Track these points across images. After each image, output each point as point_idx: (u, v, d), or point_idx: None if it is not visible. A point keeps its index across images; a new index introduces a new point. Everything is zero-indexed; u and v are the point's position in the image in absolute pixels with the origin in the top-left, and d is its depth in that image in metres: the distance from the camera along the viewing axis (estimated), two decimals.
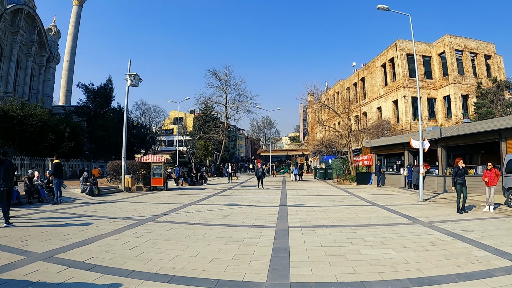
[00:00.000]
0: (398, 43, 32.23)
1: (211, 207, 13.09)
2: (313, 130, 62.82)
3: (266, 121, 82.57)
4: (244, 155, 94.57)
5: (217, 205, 13.58)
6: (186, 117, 66.33)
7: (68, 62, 69.62)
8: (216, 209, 12.36)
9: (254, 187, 23.54)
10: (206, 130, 47.13)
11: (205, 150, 43.58)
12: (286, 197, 16.78)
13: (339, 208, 12.33)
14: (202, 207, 12.98)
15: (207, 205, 13.62)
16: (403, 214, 10.80)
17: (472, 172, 16.45)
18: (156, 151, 60.67)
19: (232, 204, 13.85)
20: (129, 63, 21.78)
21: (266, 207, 12.86)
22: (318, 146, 35.61)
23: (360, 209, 12.12)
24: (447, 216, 10.49)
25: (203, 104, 49.10)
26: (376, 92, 37.61)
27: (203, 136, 46.41)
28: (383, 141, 24.16)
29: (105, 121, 36.30)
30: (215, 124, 48.28)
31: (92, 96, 40.48)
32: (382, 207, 12.69)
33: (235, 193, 19.57)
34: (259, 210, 12.03)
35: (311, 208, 12.57)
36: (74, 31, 71.45)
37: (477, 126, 15.79)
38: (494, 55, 31.62)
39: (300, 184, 27.32)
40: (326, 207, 12.89)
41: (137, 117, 59.40)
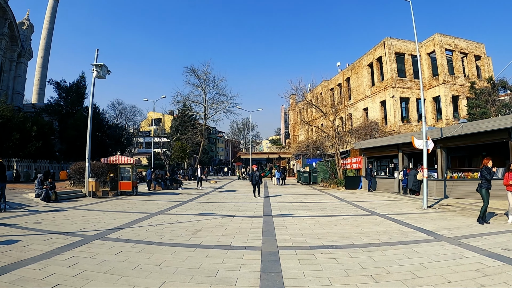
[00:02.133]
0: (386, 41, 30.84)
1: (181, 217, 10.81)
2: (295, 133, 61.16)
3: (246, 123, 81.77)
4: (223, 158, 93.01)
5: (189, 215, 11.31)
6: (165, 118, 63.62)
7: (42, 59, 65.58)
8: (187, 221, 10.11)
9: (233, 192, 21.37)
10: (183, 131, 44.85)
11: (182, 152, 41.26)
12: (270, 204, 14.65)
13: (335, 220, 10.26)
14: (171, 218, 10.66)
15: (177, 215, 11.34)
16: (416, 227, 8.85)
17: (477, 176, 14.69)
18: (133, 153, 57.82)
19: (207, 214, 11.58)
20: (96, 52, 19.52)
21: (248, 218, 10.66)
22: (302, 148, 33.67)
23: (361, 221, 10.08)
24: (468, 228, 8.62)
25: (181, 104, 46.62)
26: (362, 92, 36.13)
27: (180, 138, 44.18)
28: (375, 142, 22.42)
29: (76, 120, 33.68)
30: (193, 125, 45.94)
31: (64, 93, 37.86)
32: (385, 217, 10.73)
33: (212, 199, 17.29)
34: (239, 222, 9.81)
35: (301, 219, 10.44)
36: (49, 26, 67.45)
37: (484, 125, 14.17)
38: (484, 56, 30.71)
39: (283, 188, 25.28)
40: (319, 217, 10.80)
41: (113, 117, 56.13)
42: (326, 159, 28.38)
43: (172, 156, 42.80)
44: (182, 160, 42.78)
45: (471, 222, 9.52)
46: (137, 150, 62.03)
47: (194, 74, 42.67)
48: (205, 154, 68.01)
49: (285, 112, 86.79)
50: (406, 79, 30.38)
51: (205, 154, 68.01)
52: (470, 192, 14.36)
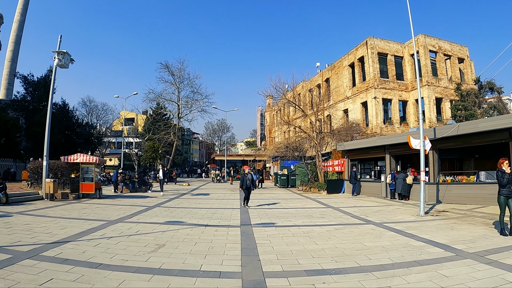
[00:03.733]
0: (369, 41, 29.93)
1: (143, 227, 8.95)
2: (271, 134, 60.16)
3: (221, 124, 79.69)
4: (198, 160, 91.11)
5: (154, 224, 9.45)
6: (138, 118, 60.89)
7: (11, 52, 61.02)
8: (149, 232, 8.29)
9: (207, 196, 19.52)
10: (155, 131, 42.50)
11: (154, 152, 38.92)
12: (248, 210, 12.96)
13: (327, 231, 8.68)
14: (130, 228, 8.77)
15: (139, 224, 9.45)
16: (425, 239, 7.48)
17: (473, 179, 13.66)
18: (104, 153, 54.83)
19: (174, 223, 9.74)
20: (59, 39, 17.31)
21: (223, 228, 8.91)
22: (281, 150, 32.15)
23: (358, 232, 8.56)
24: (486, 240, 7.38)
25: (155, 102, 44.34)
26: (342, 93, 35.13)
27: (152, 137, 41.79)
28: (360, 144, 21.20)
29: (43, 116, 30.95)
30: (166, 124, 43.81)
31: (32, 88, 34.97)
32: (382, 226, 9.31)
33: (183, 203, 15.43)
34: (212, 234, 8.05)
35: (286, 229, 8.80)
36: (21, 19, 62.91)
37: (482, 124, 13.15)
38: (467, 58, 30.41)
39: (261, 192, 23.62)
40: (307, 227, 9.19)
41: (83, 115, 52.88)
42: (306, 161, 26.99)
43: (143, 157, 40.39)
44: (154, 161, 40.53)
45: (483, 231, 8.29)
46: (109, 150, 58.95)
47: (168, 71, 40.91)
48: (179, 155, 65.94)
49: (261, 113, 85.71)
50: (389, 80, 29.56)
51: (179, 155, 65.94)
52: (466, 197, 13.38)
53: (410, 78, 29.76)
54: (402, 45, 30.33)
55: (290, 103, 28.44)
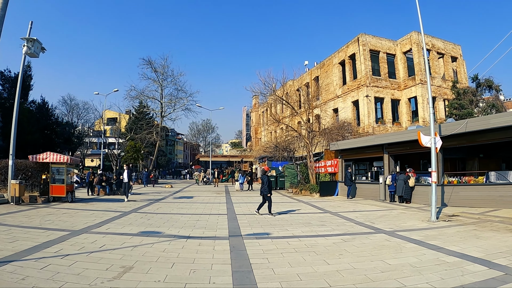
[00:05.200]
0: (361, 37, 28.88)
1: (111, 240, 7.31)
2: (257, 135, 59.02)
3: (206, 125, 78.45)
4: (182, 161, 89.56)
5: (125, 236, 7.82)
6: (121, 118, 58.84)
7: None
8: (117, 246, 6.72)
9: (190, 200, 17.96)
10: (138, 131, 40.87)
11: (136, 152, 37.06)
12: (236, 216, 11.45)
13: (334, 243, 7.25)
14: (95, 241, 7.15)
15: (107, 236, 7.81)
16: (457, 253, 6.27)
17: (482, 180, 12.50)
18: (85, 154, 52.56)
19: (150, 234, 8.14)
20: (29, 25, 15.56)
21: (208, 241, 7.36)
22: (269, 150, 30.69)
23: (371, 244, 7.20)
24: None
25: (137, 101, 42.72)
26: (332, 92, 33.99)
27: (134, 137, 40.00)
28: (355, 143, 19.94)
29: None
30: (149, 123, 42.14)
31: (9, 84, 32.68)
32: (396, 235, 8.01)
33: (163, 208, 13.81)
34: (194, 251, 6.51)
35: (285, 242, 7.33)
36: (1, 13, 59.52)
37: (495, 120, 12.03)
38: (460, 57, 29.73)
39: (248, 195, 22.12)
40: (308, 238, 7.76)
41: (63, 113, 50.47)
42: (296, 162, 25.62)
43: (124, 157, 38.55)
44: (136, 162, 38.82)
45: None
46: (91, 151, 56.64)
47: (151, 67, 39.30)
48: (163, 156, 64.48)
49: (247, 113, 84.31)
50: (381, 78, 28.55)
51: (163, 156, 64.48)
52: (475, 199, 12.27)
53: (402, 77, 28.85)
54: (394, 42, 29.40)
55: (279, 100, 27.01)
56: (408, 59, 28.70)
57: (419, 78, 26.55)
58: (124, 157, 38.53)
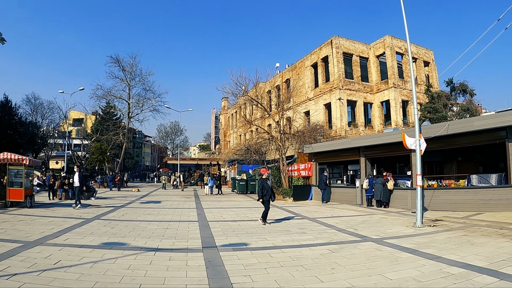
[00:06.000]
0: (334, 40, 28.83)
1: (68, 254, 6.22)
2: (226, 138, 58.25)
3: (174, 127, 77.71)
4: (150, 163, 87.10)
5: (85, 248, 6.76)
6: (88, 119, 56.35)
7: None
8: (74, 262, 5.65)
9: (158, 205, 16.76)
10: (104, 132, 39.24)
11: (101, 154, 35.46)
12: (208, 223, 10.51)
13: (321, 254, 6.53)
14: (50, 255, 6.05)
15: (64, 248, 6.70)
16: (457, 262, 5.83)
17: (463, 184, 12.34)
18: (50, 155, 49.73)
19: (113, 245, 7.09)
20: None
21: (179, 255, 6.41)
22: (241, 153, 29.81)
23: (362, 254, 6.56)
24: None
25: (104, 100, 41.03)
26: (304, 94, 33.76)
27: (100, 138, 38.41)
28: (331, 146, 19.54)
29: None
30: (116, 124, 40.41)
31: None
32: (387, 244, 7.43)
33: (129, 215, 12.63)
34: (164, 267, 5.57)
35: (266, 254, 6.53)
36: None
37: (478, 123, 11.92)
38: (432, 62, 30.47)
39: (219, 199, 21.21)
40: (291, 249, 7.00)
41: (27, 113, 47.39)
42: (268, 165, 24.93)
43: (89, 159, 37.06)
44: (101, 164, 37.31)
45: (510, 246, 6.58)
46: (56, 153, 53.59)
47: (119, 65, 37.88)
48: (130, 159, 62.78)
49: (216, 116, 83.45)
50: (354, 81, 28.63)
51: (130, 159, 62.78)
52: (456, 203, 12.11)
53: (375, 80, 29.08)
54: (367, 46, 29.63)
55: (251, 102, 26.25)
56: (381, 63, 28.98)
57: (392, 81, 26.82)
58: (89, 159, 37.13)
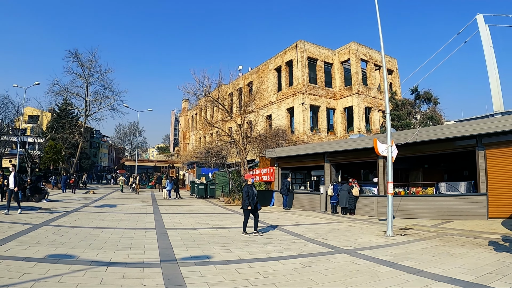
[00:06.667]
0: (299, 44, 28.74)
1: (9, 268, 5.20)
2: (185, 140, 57.12)
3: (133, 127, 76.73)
4: (107, 164, 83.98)
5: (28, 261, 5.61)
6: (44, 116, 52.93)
7: None
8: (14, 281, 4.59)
9: (113, 209, 15.56)
10: (60, 130, 37.38)
11: (56, 153, 33.50)
12: (167, 231, 9.51)
13: (293, 269, 5.89)
14: None
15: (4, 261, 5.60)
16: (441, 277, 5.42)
17: (432, 191, 12.28)
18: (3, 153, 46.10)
19: (60, 258, 6.00)
20: None
21: (134, 270, 5.45)
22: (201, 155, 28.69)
23: (338, 269, 6.00)
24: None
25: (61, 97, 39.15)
26: (266, 98, 33.38)
27: (55, 136, 36.46)
28: (295, 150, 19.11)
29: None
30: (72, 122, 38.96)
31: None
32: (362, 256, 6.96)
33: (82, 220, 11.30)
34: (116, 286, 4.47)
35: (232, 270, 5.73)
36: None
37: (448, 130, 11.98)
38: (396, 70, 31.37)
39: (177, 203, 20.12)
40: (259, 263, 6.26)
41: None
42: (228, 169, 24.08)
43: (43, 159, 34.80)
44: (55, 163, 35.42)
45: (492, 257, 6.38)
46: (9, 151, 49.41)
47: (78, 61, 36.19)
48: (87, 159, 59.99)
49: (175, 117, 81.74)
50: (317, 86, 28.67)
51: (87, 159, 59.99)
52: (425, 211, 12.07)
53: (338, 86, 29.35)
54: (332, 51, 29.89)
55: (213, 103, 25.31)
56: (345, 69, 29.32)
57: (356, 88, 27.15)
58: (43, 158, 35.08)
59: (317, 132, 28.53)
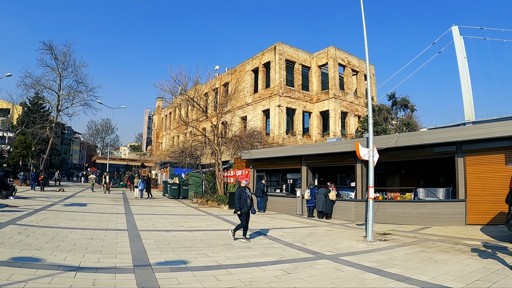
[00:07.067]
0: (278, 46, 28.61)
1: None
2: (158, 139, 56.26)
3: (106, 125, 75.33)
4: (78, 162, 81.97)
5: None
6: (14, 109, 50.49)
7: None
8: None
9: (84, 208, 14.77)
10: (31, 125, 36.04)
11: (25, 149, 31.94)
12: (139, 233, 8.95)
13: (276, 277, 5.57)
14: None
15: None
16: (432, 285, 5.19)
17: (410, 197, 12.31)
18: None
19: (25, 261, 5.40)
20: None
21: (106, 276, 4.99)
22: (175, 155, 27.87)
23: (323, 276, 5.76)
24: None
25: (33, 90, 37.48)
26: (242, 99, 33.02)
27: (25, 131, 35.23)
28: (272, 152, 18.84)
29: None
30: (43, 117, 37.62)
31: None
32: (345, 262, 6.75)
33: (49, 220, 10.52)
34: None
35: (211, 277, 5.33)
36: None
37: (428, 136, 12.08)
38: (373, 76, 31.69)
39: (150, 204, 19.44)
40: (240, 270, 5.88)
41: None
42: (202, 169, 23.49)
43: (12, 154, 33.45)
44: (25, 159, 33.79)
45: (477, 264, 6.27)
46: None
47: (52, 53, 34.61)
48: (57, 155, 58.17)
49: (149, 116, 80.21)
50: (294, 89, 28.64)
51: (57, 155, 58.17)
52: (403, 216, 12.10)
53: (315, 90, 29.43)
54: (310, 55, 29.98)
55: (189, 102, 24.62)
56: (322, 73, 29.47)
57: (333, 92, 27.32)
58: (12, 153, 33.62)
59: (293, 135, 28.45)
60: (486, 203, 9.78)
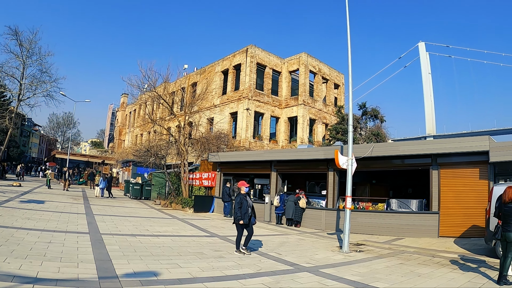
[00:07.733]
0: (250, 48, 28.29)
1: None
2: (121, 136, 54.26)
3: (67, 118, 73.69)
4: (37, 155, 77.52)
5: None
6: None
7: None
8: None
9: (41, 206, 13.43)
10: None
11: None
12: (102, 238, 8.07)
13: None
14: None
15: None
16: None
17: (382, 207, 12.29)
18: None
19: None
20: None
21: None
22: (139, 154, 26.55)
23: None
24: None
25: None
26: (210, 100, 32.24)
27: None
28: (241, 156, 18.37)
29: None
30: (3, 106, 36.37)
31: None
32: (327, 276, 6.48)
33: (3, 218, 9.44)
34: None
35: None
36: None
37: (405, 148, 12.09)
38: (342, 85, 32.34)
39: (111, 204, 18.27)
40: (217, 283, 5.38)
41: None
42: (167, 170, 22.53)
43: None
44: None
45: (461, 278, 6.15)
46: None
47: (17, 39, 31.55)
48: (16, 147, 54.36)
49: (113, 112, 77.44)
50: (264, 93, 28.40)
51: (16, 147, 54.36)
52: (375, 226, 12.08)
53: (284, 95, 29.38)
54: (282, 60, 29.92)
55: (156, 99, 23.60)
56: (292, 79, 29.49)
57: (303, 98, 27.37)
58: None
59: (260, 139, 28.15)
60: (459, 216, 9.91)
